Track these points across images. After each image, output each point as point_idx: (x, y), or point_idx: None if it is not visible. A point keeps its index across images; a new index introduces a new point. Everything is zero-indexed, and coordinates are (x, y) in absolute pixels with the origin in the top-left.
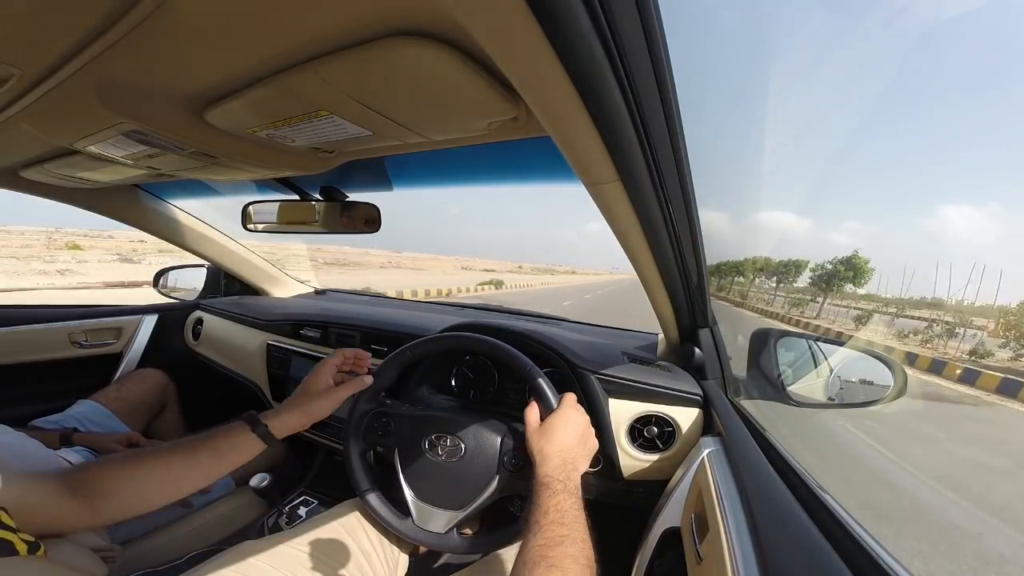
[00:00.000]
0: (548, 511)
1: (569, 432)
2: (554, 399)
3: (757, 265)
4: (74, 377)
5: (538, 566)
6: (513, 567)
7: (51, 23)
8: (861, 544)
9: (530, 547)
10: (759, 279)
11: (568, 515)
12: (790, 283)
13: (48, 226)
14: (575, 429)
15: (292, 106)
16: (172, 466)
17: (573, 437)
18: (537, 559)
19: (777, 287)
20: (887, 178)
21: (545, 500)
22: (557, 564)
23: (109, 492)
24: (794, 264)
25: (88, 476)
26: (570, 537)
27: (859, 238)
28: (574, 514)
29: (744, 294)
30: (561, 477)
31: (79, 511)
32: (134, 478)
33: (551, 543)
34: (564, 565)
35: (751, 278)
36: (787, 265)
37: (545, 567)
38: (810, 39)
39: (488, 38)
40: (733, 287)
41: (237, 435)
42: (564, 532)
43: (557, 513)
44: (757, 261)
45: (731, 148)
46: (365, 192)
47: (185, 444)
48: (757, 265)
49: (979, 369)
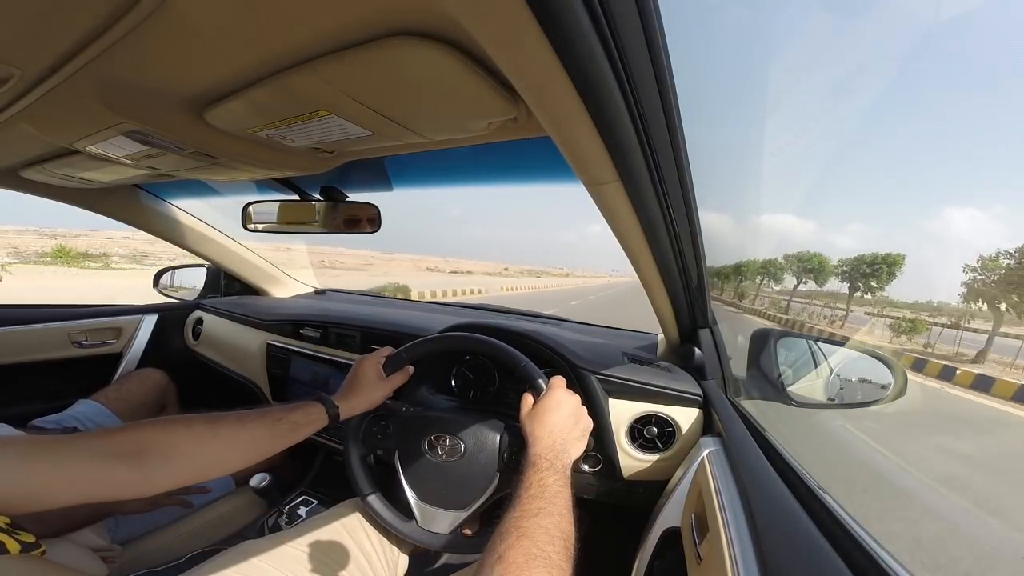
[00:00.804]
0: (530, 486)
1: (560, 413)
2: (543, 383)
3: (761, 267)
4: (74, 377)
5: (510, 535)
6: (490, 540)
7: (51, 23)
8: (861, 544)
9: (506, 519)
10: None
11: (549, 490)
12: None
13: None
14: (566, 409)
15: (292, 106)
16: (253, 431)
17: (563, 417)
18: (510, 528)
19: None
20: (890, 179)
21: (529, 477)
22: (528, 534)
23: (167, 455)
24: (816, 260)
25: (137, 437)
26: (546, 510)
27: (861, 239)
28: (555, 489)
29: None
30: (549, 456)
31: (127, 476)
32: (200, 442)
33: (526, 514)
34: (535, 535)
35: (760, 281)
36: (803, 260)
37: (516, 536)
38: (810, 38)
39: (488, 38)
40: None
41: (313, 412)
42: (541, 505)
43: (539, 488)
44: (768, 263)
45: (731, 148)
46: (365, 192)
47: (258, 414)
48: (761, 267)
49: None
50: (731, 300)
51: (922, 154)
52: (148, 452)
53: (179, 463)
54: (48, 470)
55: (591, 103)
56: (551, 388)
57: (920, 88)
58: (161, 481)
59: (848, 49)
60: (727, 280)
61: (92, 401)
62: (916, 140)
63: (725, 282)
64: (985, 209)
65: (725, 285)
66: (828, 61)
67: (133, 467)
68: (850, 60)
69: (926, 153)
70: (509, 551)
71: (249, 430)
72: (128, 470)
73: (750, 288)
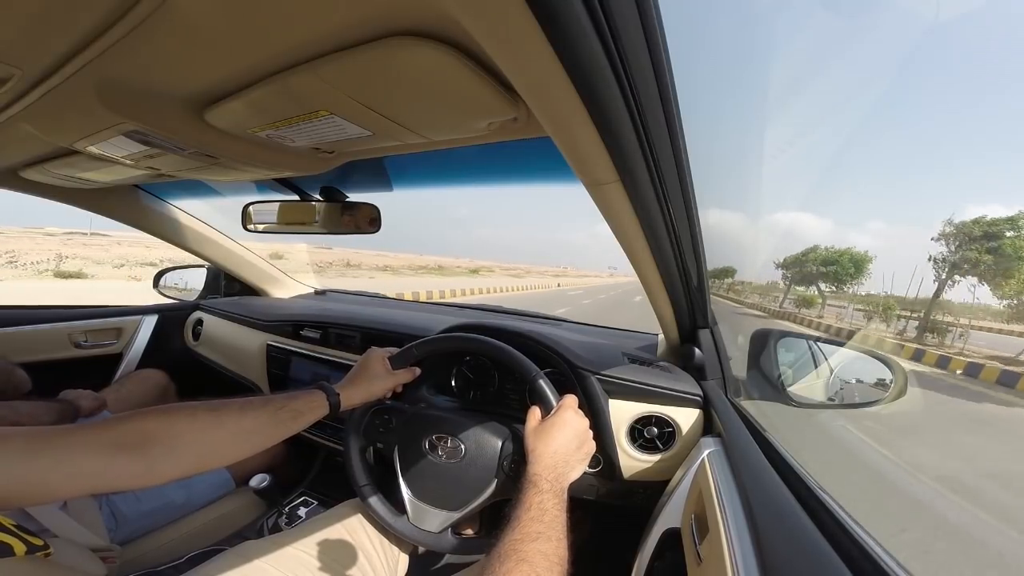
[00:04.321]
0: (530, 508)
1: (565, 434)
2: (554, 400)
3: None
4: (74, 377)
5: (509, 559)
6: (487, 559)
7: (51, 23)
8: (861, 544)
9: (505, 540)
10: None
11: (548, 514)
12: None
13: None
14: (571, 431)
15: (292, 106)
16: (256, 419)
17: (568, 439)
18: (509, 552)
19: None
20: (892, 179)
21: (529, 497)
22: (527, 559)
23: (170, 444)
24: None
25: (140, 427)
26: (545, 535)
27: (867, 237)
28: (554, 514)
29: None
30: (549, 477)
31: (130, 467)
32: (204, 430)
33: (526, 538)
34: (534, 560)
35: None
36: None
37: (516, 560)
38: (810, 38)
39: (488, 38)
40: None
41: (314, 400)
42: (541, 529)
43: (538, 511)
44: None
45: (732, 148)
46: (365, 192)
47: (260, 402)
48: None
49: None
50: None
51: (920, 154)
52: (151, 442)
53: (183, 453)
54: (49, 462)
55: (591, 103)
56: (561, 407)
57: (920, 87)
58: (165, 471)
59: (848, 47)
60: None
61: None
62: (916, 140)
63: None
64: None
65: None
66: (829, 59)
67: (136, 458)
68: (850, 58)
69: (925, 153)
70: (509, 575)
71: (252, 418)
72: (131, 461)
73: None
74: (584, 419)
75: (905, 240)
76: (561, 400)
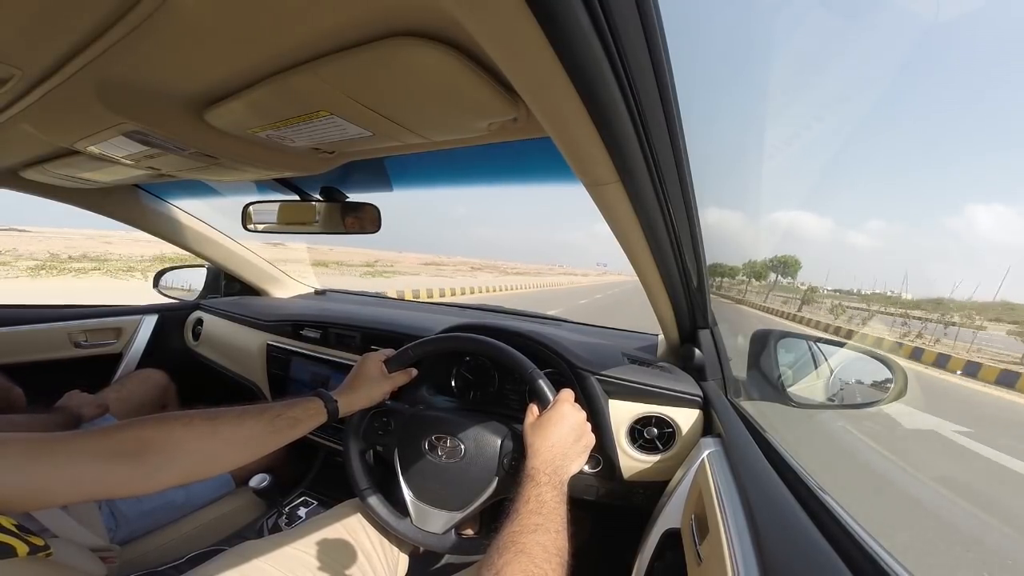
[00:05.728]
0: (528, 500)
1: (562, 427)
2: (551, 394)
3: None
4: (74, 377)
5: (508, 550)
6: (487, 551)
7: (51, 23)
8: (861, 544)
9: (504, 533)
10: None
11: (547, 506)
12: None
13: None
14: (568, 425)
15: (292, 106)
16: (253, 427)
17: (566, 432)
18: (508, 543)
19: None
20: (893, 178)
21: (528, 491)
22: (526, 550)
23: (168, 452)
24: None
25: (137, 435)
26: (544, 527)
27: (872, 237)
28: (552, 506)
29: None
30: (548, 471)
31: (128, 474)
32: (201, 438)
33: (524, 530)
34: (533, 552)
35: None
36: None
37: (514, 552)
38: (810, 38)
39: (488, 38)
40: None
41: (312, 407)
42: (539, 521)
43: (537, 503)
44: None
45: (732, 148)
46: (365, 192)
47: (258, 410)
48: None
49: None
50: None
51: (917, 154)
52: (149, 450)
53: (181, 461)
54: (49, 469)
55: (591, 103)
56: (558, 401)
57: (920, 87)
58: (162, 479)
59: (848, 47)
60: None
61: None
62: (915, 140)
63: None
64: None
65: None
66: (829, 59)
67: (134, 465)
68: (850, 58)
69: (924, 153)
70: (507, 567)
71: (248, 427)
72: (129, 468)
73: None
74: (581, 412)
75: (900, 240)
76: (558, 394)
